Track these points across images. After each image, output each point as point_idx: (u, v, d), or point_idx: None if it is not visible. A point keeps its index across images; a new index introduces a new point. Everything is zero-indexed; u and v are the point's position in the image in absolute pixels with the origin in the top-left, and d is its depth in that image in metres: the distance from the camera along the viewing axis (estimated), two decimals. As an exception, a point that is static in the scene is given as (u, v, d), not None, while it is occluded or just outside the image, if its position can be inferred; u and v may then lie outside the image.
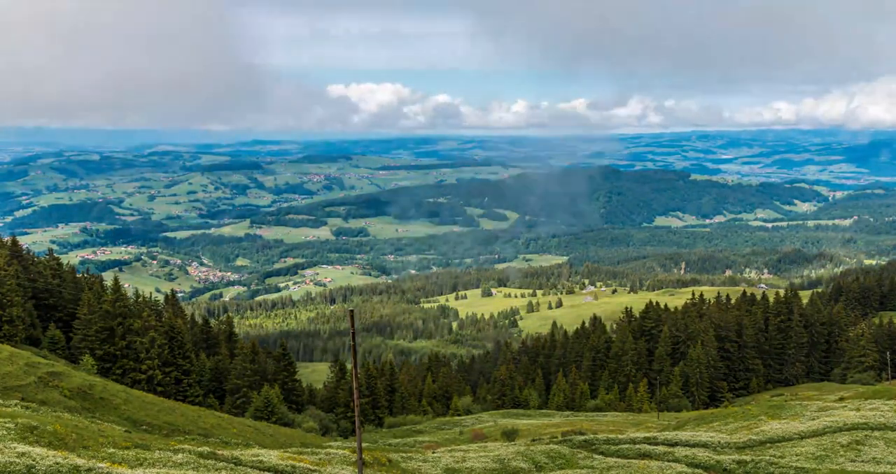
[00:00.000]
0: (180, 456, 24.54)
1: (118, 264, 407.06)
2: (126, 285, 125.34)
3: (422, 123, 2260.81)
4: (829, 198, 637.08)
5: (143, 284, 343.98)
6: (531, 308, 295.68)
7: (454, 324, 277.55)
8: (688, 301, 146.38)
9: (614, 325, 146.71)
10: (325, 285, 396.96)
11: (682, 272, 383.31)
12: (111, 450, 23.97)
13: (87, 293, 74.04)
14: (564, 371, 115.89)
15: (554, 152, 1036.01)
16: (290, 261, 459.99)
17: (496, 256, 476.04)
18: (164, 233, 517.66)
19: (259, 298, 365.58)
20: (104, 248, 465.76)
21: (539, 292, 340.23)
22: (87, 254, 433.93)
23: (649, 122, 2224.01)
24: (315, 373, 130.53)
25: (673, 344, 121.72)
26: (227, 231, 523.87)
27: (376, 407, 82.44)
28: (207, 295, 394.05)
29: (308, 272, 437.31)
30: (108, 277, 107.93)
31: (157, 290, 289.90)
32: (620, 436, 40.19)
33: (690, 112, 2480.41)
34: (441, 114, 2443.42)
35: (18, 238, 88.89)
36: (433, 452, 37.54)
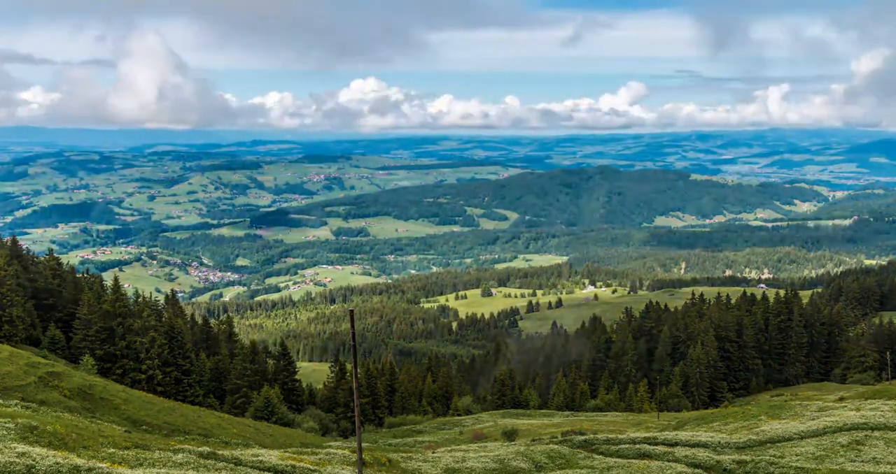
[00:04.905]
0: (180, 456, 24.55)
1: (118, 264, 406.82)
2: (126, 285, 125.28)
3: (422, 123, 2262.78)
4: (829, 198, 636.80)
5: (143, 284, 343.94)
6: (531, 308, 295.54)
7: (454, 324, 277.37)
8: (688, 301, 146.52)
9: (614, 325, 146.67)
10: (325, 285, 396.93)
11: (682, 272, 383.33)
12: (111, 450, 23.98)
13: (87, 293, 74.04)
14: (564, 371, 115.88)
15: (554, 152, 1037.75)
16: (290, 261, 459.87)
17: (496, 256, 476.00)
18: (164, 233, 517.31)
19: (259, 298, 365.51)
20: (104, 248, 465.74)
21: (539, 292, 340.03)
22: (87, 254, 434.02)
23: (649, 122, 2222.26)
24: (315, 373, 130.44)
25: (673, 344, 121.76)
26: (227, 231, 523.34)
27: (376, 407, 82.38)
28: (207, 295, 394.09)
29: (308, 272, 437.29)
30: (108, 277, 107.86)
31: (157, 290, 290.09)
32: (620, 436, 40.18)
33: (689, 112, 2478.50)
34: (441, 114, 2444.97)
35: (18, 238, 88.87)
36: (433, 452, 37.53)
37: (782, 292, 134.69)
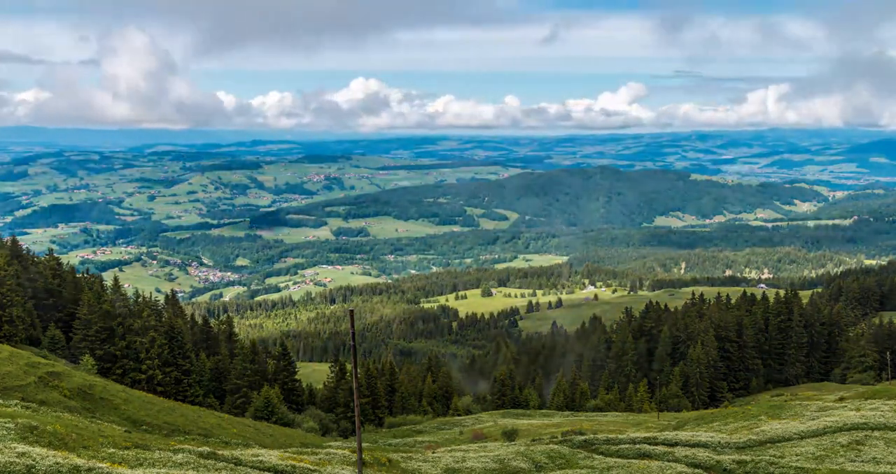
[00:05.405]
0: (180, 456, 24.55)
1: (118, 264, 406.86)
2: (126, 285, 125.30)
3: (421, 123, 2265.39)
4: (829, 198, 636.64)
5: (143, 284, 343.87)
6: (531, 308, 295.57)
7: (454, 324, 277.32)
8: (688, 301, 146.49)
9: (614, 325, 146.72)
10: (325, 285, 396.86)
11: (682, 272, 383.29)
12: (111, 450, 23.98)
13: (87, 293, 74.03)
14: (564, 371, 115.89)
15: (554, 152, 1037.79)
16: (290, 261, 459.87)
17: (496, 256, 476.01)
18: (164, 233, 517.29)
19: (259, 298, 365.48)
20: (104, 248, 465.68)
21: (539, 292, 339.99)
22: (87, 254, 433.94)
23: (648, 122, 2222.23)
24: (315, 373, 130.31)
25: (673, 344, 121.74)
26: (227, 231, 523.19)
27: (376, 407, 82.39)
28: (207, 295, 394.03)
29: (308, 272, 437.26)
30: (108, 277, 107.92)
31: (157, 290, 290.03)
32: (620, 436, 40.18)
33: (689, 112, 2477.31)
34: (441, 113, 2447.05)
35: (18, 238, 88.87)
36: (433, 452, 37.54)
37: (782, 292, 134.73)
